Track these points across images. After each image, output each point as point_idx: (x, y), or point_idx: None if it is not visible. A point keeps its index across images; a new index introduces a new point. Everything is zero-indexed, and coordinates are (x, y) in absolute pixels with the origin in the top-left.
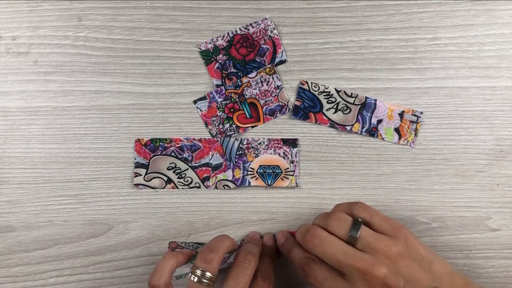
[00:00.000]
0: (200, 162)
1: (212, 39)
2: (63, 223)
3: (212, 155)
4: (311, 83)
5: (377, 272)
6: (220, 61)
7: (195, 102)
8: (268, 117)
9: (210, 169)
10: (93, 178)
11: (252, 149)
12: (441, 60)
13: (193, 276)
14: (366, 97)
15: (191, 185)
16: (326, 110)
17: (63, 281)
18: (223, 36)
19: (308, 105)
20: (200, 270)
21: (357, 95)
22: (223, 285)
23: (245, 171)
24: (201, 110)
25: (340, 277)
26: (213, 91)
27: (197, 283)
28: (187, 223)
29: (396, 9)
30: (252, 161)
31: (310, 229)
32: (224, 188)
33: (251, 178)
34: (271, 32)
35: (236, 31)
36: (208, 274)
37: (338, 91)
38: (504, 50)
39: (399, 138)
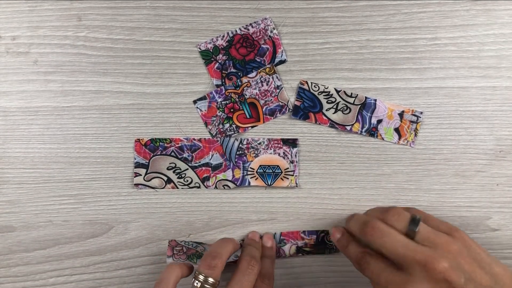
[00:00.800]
0: (200, 162)
1: (212, 39)
2: (63, 223)
3: (212, 155)
4: (311, 83)
5: (438, 265)
6: (220, 61)
7: (195, 102)
8: (268, 117)
9: (210, 169)
10: (93, 178)
11: (252, 149)
12: (441, 60)
13: (196, 281)
14: (366, 97)
15: (191, 185)
16: (326, 110)
17: (63, 281)
18: (223, 36)
19: (308, 105)
20: (203, 276)
21: (357, 95)
22: None
23: (245, 171)
24: (201, 110)
25: (397, 270)
26: (213, 91)
27: None
28: (187, 223)
29: (396, 9)
30: (252, 161)
31: (370, 221)
32: (224, 188)
33: (251, 178)
34: (271, 32)
35: (236, 31)
36: (210, 279)
37: (338, 91)
38: (504, 50)
39: (399, 138)
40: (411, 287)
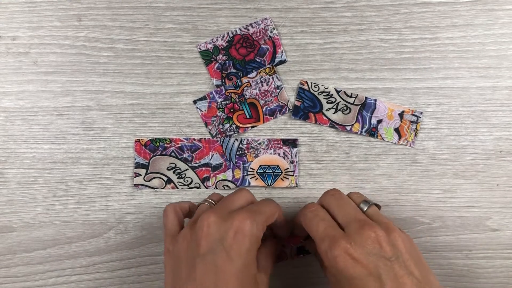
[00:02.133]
0: (200, 162)
1: (212, 39)
2: (63, 223)
3: (212, 155)
4: (311, 83)
5: (376, 229)
6: (220, 61)
7: (195, 102)
8: (268, 117)
9: (210, 169)
10: (93, 178)
11: (252, 149)
12: (441, 60)
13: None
14: (366, 97)
15: (191, 185)
16: (326, 110)
17: (63, 281)
18: (223, 36)
19: (308, 105)
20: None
21: (357, 95)
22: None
23: (245, 171)
24: (201, 110)
25: (338, 227)
26: (213, 91)
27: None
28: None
29: (396, 9)
30: (252, 161)
31: (335, 189)
32: (224, 188)
33: (251, 178)
34: (271, 32)
35: (236, 31)
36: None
37: (338, 91)
38: (504, 50)
39: (399, 138)
40: (344, 240)
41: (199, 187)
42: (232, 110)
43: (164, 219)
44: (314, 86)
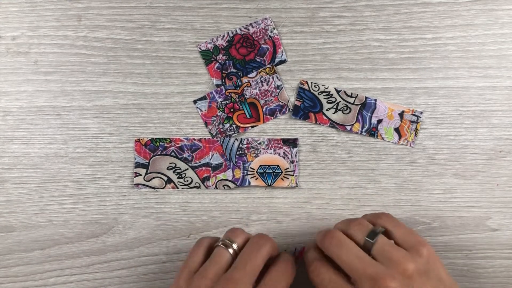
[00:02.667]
0: (200, 162)
1: (212, 39)
2: (63, 223)
3: (212, 155)
4: (311, 83)
5: (386, 284)
6: (220, 61)
7: (195, 102)
8: (268, 117)
9: (210, 169)
10: (93, 178)
11: (252, 149)
12: (441, 60)
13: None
14: (366, 97)
15: (191, 185)
16: (326, 110)
17: (63, 281)
18: (223, 36)
19: (308, 105)
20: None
21: (357, 95)
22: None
23: (245, 171)
24: (201, 110)
25: (347, 283)
26: (213, 91)
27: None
28: (187, 223)
29: (396, 9)
30: (252, 161)
31: (330, 231)
32: (224, 188)
33: (251, 178)
34: (271, 32)
35: (236, 31)
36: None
37: (338, 91)
38: (504, 50)
39: (399, 138)
40: None
41: (199, 187)
42: (232, 110)
43: (194, 251)
44: (314, 86)
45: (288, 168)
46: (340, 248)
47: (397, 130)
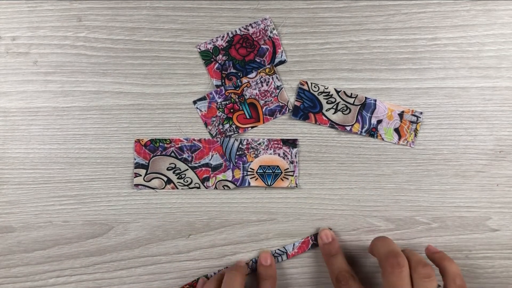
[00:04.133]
0: (200, 163)
1: (212, 39)
2: (63, 223)
3: (212, 156)
4: (311, 83)
5: None
6: (219, 62)
7: (194, 102)
8: (268, 117)
9: (210, 169)
10: (92, 179)
11: (252, 150)
12: (441, 60)
13: None
14: (366, 98)
15: (191, 186)
16: (326, 110)
17: (63, 282)
18: (223, 37)
19: (308, 106)
20: None
21: (357, 95)
22: None
23: (245, 172)
24: (200, 110)
25: None
26: (213, 92)
27: None
28: (187, 223)
29: (396, 9)
30: (252, 161)
31: (400, 258)
32: (224, 188)
33: (251, 178)
34: (271, 32)
35: (236, 31)
36: None
37: (338, 92)
38: (504, 50)
39: (399, 139)
40: None
41: (199, 187)
42: (232, 110)
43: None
44: (314, 86)
45: (288, 168)
46: (399, 282)
47: (397, 130)
